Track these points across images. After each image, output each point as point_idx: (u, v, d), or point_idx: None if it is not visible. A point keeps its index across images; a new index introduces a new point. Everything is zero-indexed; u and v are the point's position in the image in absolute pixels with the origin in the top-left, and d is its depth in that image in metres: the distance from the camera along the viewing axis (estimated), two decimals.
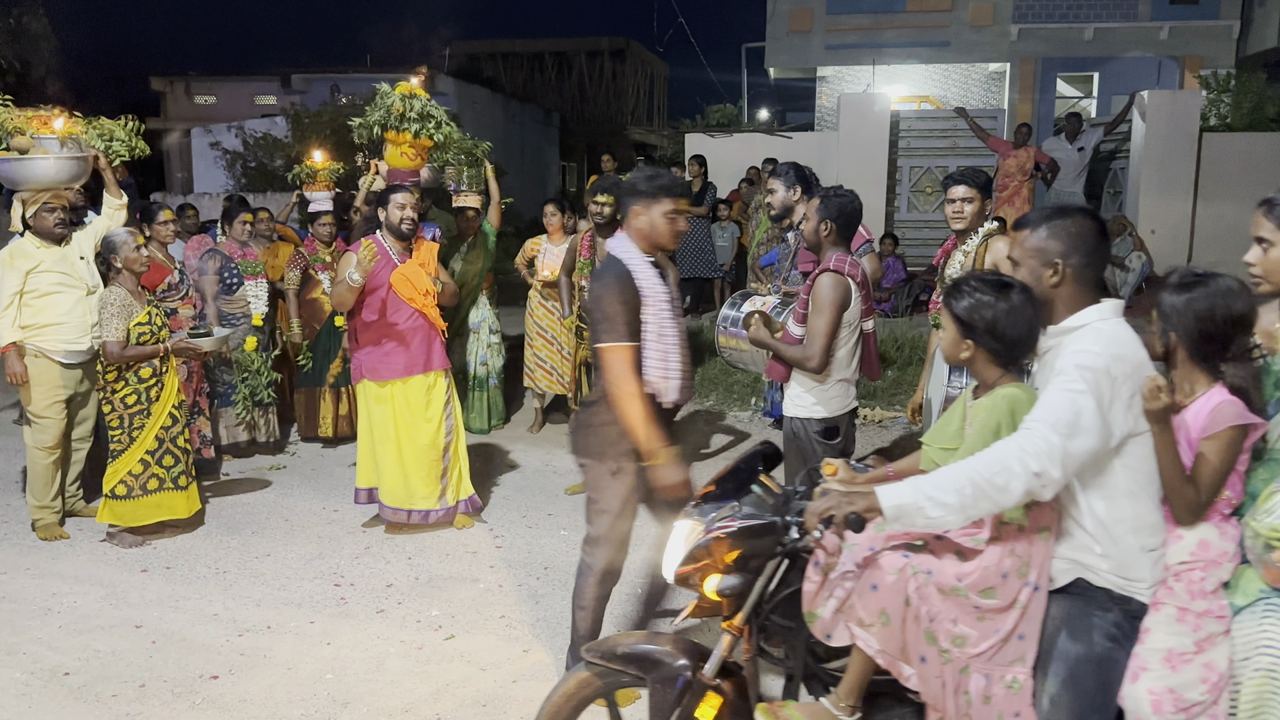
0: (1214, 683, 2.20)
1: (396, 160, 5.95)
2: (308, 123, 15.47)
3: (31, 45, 14.79)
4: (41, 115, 5.37)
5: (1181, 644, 2.22)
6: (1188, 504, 2.23)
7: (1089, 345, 2.20)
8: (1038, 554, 2.30)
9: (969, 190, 4.32)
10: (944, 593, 2.28)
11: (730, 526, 2.39)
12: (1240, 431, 2.24)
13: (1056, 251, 2.28)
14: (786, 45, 17.25)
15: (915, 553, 2.36)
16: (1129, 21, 15.77)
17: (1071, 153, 11.35)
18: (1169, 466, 2.21)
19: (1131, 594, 2.26)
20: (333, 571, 4.88)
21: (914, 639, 2.30)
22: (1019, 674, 2.29)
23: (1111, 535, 2.24)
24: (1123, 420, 2.18)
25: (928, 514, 2.11)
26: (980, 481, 2.09)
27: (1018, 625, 2.28)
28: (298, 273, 6.99)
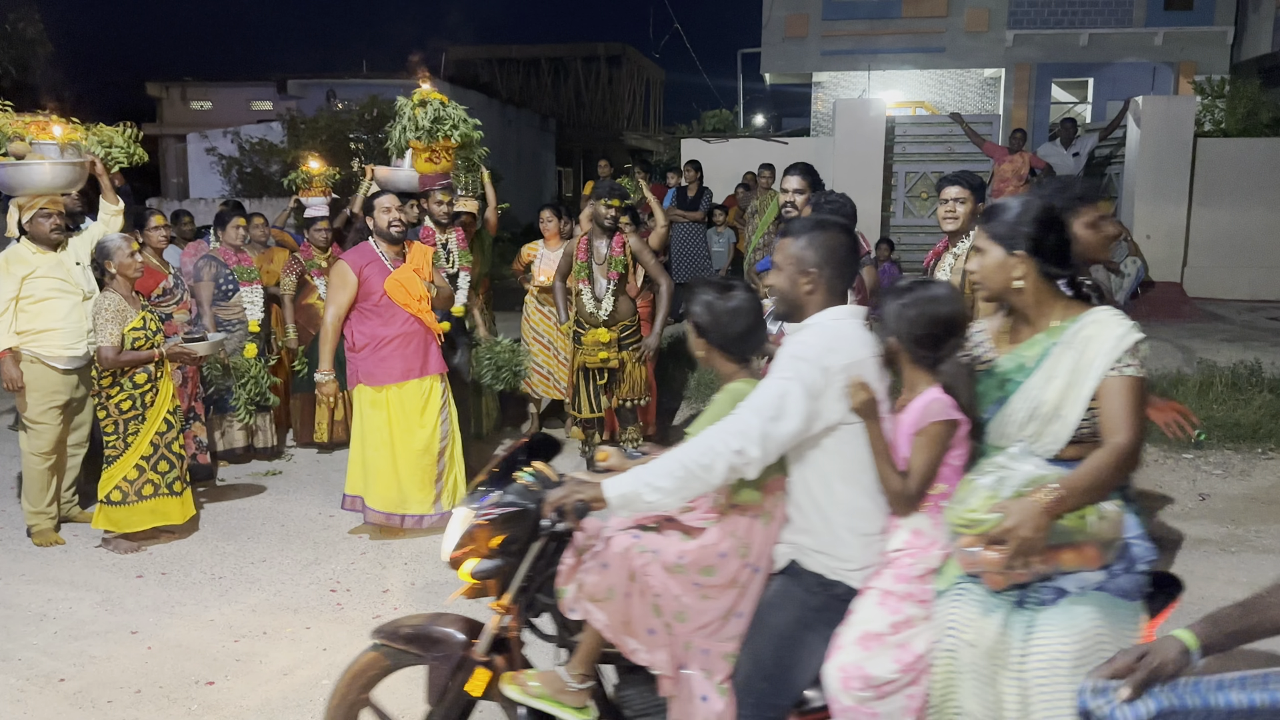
0: (908, 664, 2.28)
1: (422, 166, 5.96)
2: (304, 128, 15.47)
3: (27, 50, 14.79)
4: (40, 121, 5.37)
5: (878, 625, 2.31)
6: (898, 494, 2.35)
7: (806, 338, 2.38)
8: (758, 536, 2.44)
9: (962, 191, 4.33)
10: (668, 570, 2.41)
11: (492, 514, 2.53)
12: (946, 426, 2.35)
13: (812, 261, 2.42)
14: (782, 51, 17.29)
15: (646, 533, 2.50)
16: (1124, 27, 15.83)
17: (1067, 158, 11.38)
18: (879, 458, 2.34)
19: (841, 578, 2.38)
20: (329, 577, 4.87)
21: (640, 614, 2.43)
22: (735, 650, 2.43)
23: (826, 520, 2.38)
24: (834, 409, 2.31)
25: (646, 499, 2.26)
26: (689, 464, 2.24)
27: (736, 603, 2.43)
28: (293, 278, 6.99)
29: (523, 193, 20.51)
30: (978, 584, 2.23)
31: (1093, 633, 2.13)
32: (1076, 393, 2.27)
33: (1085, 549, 2.17)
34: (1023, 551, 2.09)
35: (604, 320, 5.70)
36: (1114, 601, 2.19)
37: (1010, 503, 2.12)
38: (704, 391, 7.97)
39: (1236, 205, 11.48)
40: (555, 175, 27.82)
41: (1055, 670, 2.09)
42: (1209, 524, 5.44)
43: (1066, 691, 2.06)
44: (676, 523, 2.52)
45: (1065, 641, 2.11)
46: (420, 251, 5.32)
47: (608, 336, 5.69)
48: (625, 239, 5.70)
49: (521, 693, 2.54)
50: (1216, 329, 9.62)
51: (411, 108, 5.77)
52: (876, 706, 2.27)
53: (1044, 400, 2.31)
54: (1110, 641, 2.12)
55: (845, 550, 2.37)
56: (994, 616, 2.18)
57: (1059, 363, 2.31)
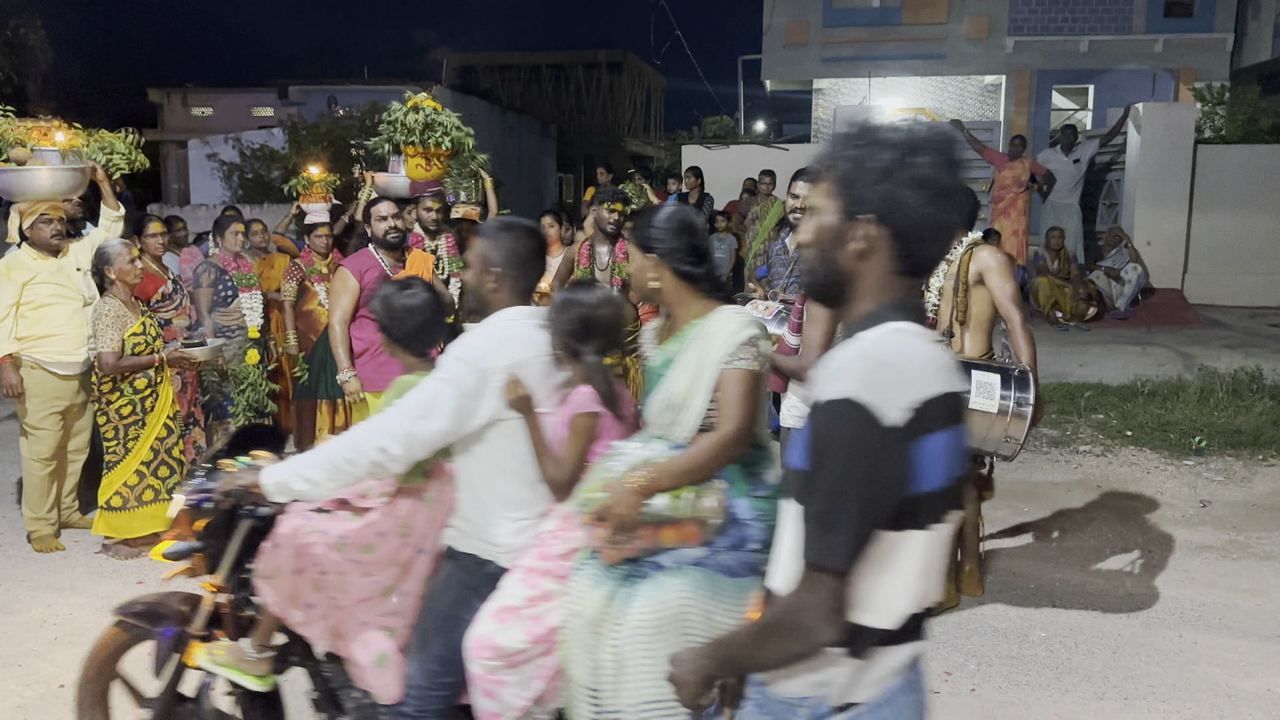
0: (540, 636, 2.41)
1: (414, 172, 5.97)
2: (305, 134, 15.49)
3: (29, 57, 14.82)
4: (42, 127, 5.38)
5: (514, 600, 2.44)
6: (553, 482, 2.50)
7: (469, 339, 2.53)
8: (420, 519, 2.61)
9: None
10: (331, 548, 2.58)
11: (194, 499, 2.70)
12: (588, 418, 2.53)
13: (495, 261, 2.58)
14: (783, 58, 17.32)
15: (319, 515, 2.68)
16: (1124, 34, 15.85)
17: (1067, 164, 11.39)
18: (537, 450, 2.50)
19: (492, 558, 2.53)
20: None
21: (303, 590, 2.60)
22: (396, 625, 2.59)
23: (482, 506, 2.53)
24: (492, 406, 2.45)
25: (295, 487, 2.45)
26: (336, 459, 2.42)
27: (398, 581, 2.59)
28: (294, 284, 6.98)
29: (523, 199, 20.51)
30: (597, 560, 2.38)
31: (676, 604, 2.25)
32: (699, 384, 2.40)
33: (686, 527, 2.32)
34: (620, 528, 2.27)
35: None
36: (713, 577, 2.31)
37: (612, 483, 2.30)
38: None
39: (1237, 212, 11.49)
40: (556, 182, 27.83)
41: (639, 637, 2.23)
42: (1210, 531, 5.43)
43: (651, 657, 2.20)
44: (349, 505, 2.71)
45: (648, 611, 2.25)
46: (419, 258, 5.32)
47: None
48: (628, 246, 5.69)
49: (209, 660, 2.75)
50: (1217, 335, 9.62)
51: (403, 113, 5.79)
52: (505, 675, 2.41)
53: (675, 391, 2.44)
54: (698, 614, 2.25)
55: (498, 534, 2.51)
56: (602, 589, 2.32)
57: (688, 356, 2.44)
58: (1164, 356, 8.50)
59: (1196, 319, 10.55)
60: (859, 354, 1.50)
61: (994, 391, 3.91)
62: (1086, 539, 5.37)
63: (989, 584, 4.75)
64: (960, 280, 4.25)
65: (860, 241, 1.55)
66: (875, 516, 1.46)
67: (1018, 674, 3.91)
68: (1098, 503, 5.87)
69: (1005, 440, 3.96)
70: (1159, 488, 6.05)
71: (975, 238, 4.34)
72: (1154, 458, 6.41)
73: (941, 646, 4.13)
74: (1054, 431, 6.84)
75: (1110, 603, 4.58)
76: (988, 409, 3.90)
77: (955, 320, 4.32)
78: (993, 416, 3.90)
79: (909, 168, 1.51)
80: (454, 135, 5.97)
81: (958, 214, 1.59)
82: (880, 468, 1.44)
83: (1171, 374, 7.75)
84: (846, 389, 1.44)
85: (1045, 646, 4.14)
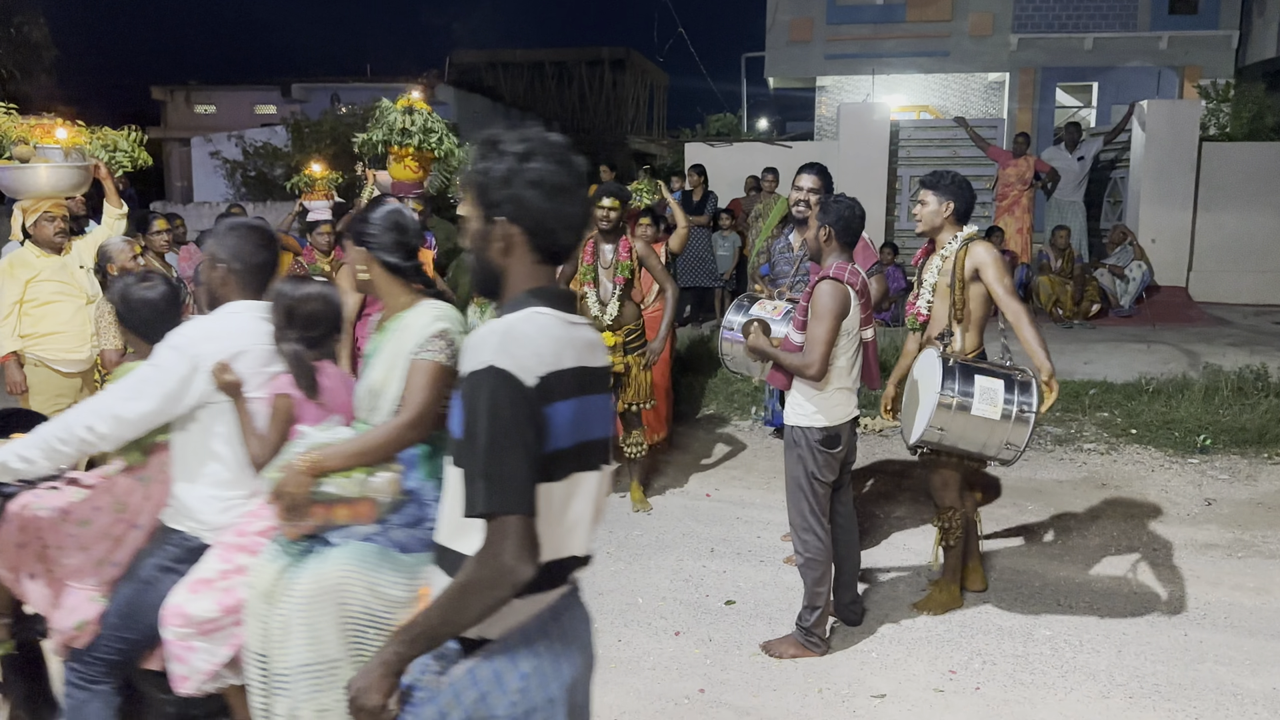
0: (229, 606, 2.55)
1: (400, 173, 5.95)
2: (308, 132, 15.49)
3: (32, 54, 14.80)
4: (45, 124, 5.37)
5: (209, 572, 2.61)
6: (254, 460, 2.65)
7: (185, 329, 2.72)
8: (136, 495, 2.80)
9: (925, 193, 4.31)
10: (54, 522, 2.77)
11: None
12: (285, 400, 2.70)
13: (222, 258, 2.78)
14: (786, 55, 17.28)
15: (49, 492, 2.86)
16: (1128, 31, 15.81)
17: (1071, 162, 11.35)
18: (243, 430, 2.67)
19: (199, 534, 2.70)
20: None
21: (25, 560, 2.80)
22: (102, 594, 2.74)
23: (193, 484, 2.71)
24: (201, 390, 2.63)
25: (14, 466, 2.62)
26: (50, 439, 2.60)
27: (109, 553, 2.76)
28: None
29: None
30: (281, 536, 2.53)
31: (335, 575, 2.40)
32: (394, 373, 2.58)
33: (359, 505, 2.48)
34: (290, 506, 2.43)
35: (608, 324, 5.68)
36: (383, 552, 2.47)
37: (285, 464, 2.46)
38: (707, 395, 7.97)
39: (1242, 209, 11.45)
40: None
41: (299, 606, 2.38)
42: (1215, 529, 5.42)
43: (309, 624, 2.37)
44: (79, 482, 2.90)
45: (308, 583, 2.40)
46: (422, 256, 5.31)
47: (612, 340, 5.67)
48: (632, 243, 5.67)
49: None
50: (1222, 333, 9.58)
51: (398, 113, 5.77)
52: (196, 642, 2.58)
53: (375, 379, 2.63)
54: (361, 585, 2.41)
55: (206, 512, 2.70)
56: (278, 563, 2.47)
57: (389, 346, 2.63)
58: (1168, 354, 8.47)
59: (1201, 317, 10.52)
60: (497, 330, 1.73)
61: (997, 398, 3.88)
62: (1091, 537, 5.36)
63: (993, 582, 4.74)
64: (956, 277, 4.20)
65: (500, 240, 1.80)
66: (531, 464, 1.67)
67: (1022, 672, 3.90)
68: (1102, 501, 5.86)
69: (1006, 446, 3.94)
70: (1163, 486, 6.04)
71: (971, 232, 4.26)
72: (1158, 456, 6.40)
73: (946, 645, 4.13)
74: (1058, 429, 6.83)
75: (1115, 601, 4.57)
76: (990, 415, 3.87)
77: (953, 319, 4.25)
78: (994, 422, 3.88)
79: (526, 172, 1.76)
80: (448, 144, 5.95)
81: (577, 206, 1.82)
82: (524, 422, 1.67)
83: (1176, 372, 7.73)
84: (488, 358, 1.67)
85: (1050, 645, 4.13)
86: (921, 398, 4.08)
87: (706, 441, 7.26)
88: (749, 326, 4.13)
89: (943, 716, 3.60)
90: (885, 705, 3.67)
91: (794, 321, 4.00)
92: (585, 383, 1.80)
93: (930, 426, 3.90)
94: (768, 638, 4.17)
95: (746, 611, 4.48)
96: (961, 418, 3.87)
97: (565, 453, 1.74)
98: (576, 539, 1.83)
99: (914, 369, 4.27)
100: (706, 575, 4.89)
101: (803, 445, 3.96)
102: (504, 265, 1.82)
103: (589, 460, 1.83)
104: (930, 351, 4.10)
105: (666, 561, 5.07)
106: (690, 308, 10.79)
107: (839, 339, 3.85)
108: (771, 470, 6.56)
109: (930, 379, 3.99)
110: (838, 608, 4.28)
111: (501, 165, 1.77)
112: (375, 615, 2.43)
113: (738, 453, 7.01)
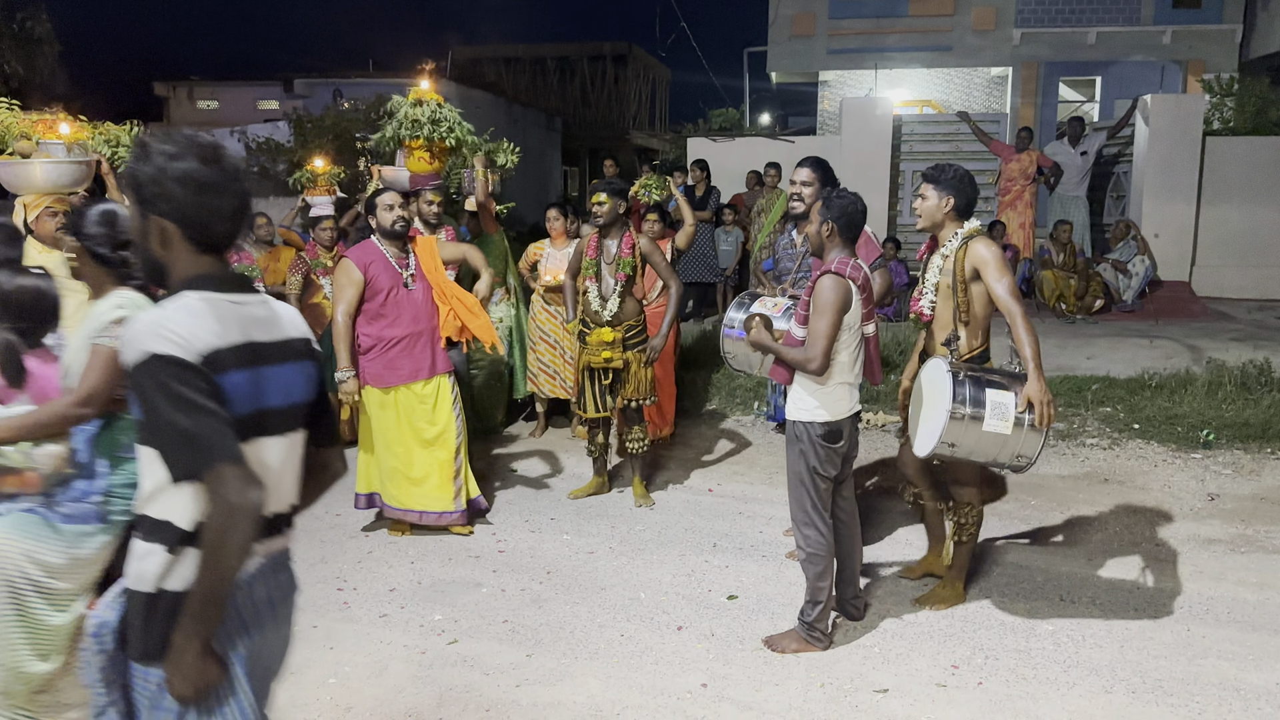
0: None
1: (415, 166, 5.94)
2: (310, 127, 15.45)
3: (35, 50, 14.81)
4: (47, 120, 5.38)
5: None
6: None
7: None
8: None
9: (926, 187, 4.28)
10: None
11: None
12: None
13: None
14: (789, 50, 17.25)
15: None
16: (1131, 25, 15.76)
17: (1075, 157, 11.34)
18: None
19: None
20: (335, 575, 4.87)
21: None
22: None
23: None
24: None
25: None
26: None
27: None
28: (299, 277, 6.99)
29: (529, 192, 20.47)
30: None
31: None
32: (79, 356, 2.76)
33: (26, 476, 2.73)
34: None
35: (608, 320, 5.68)
36: (46, 521, 2.74)
37: None
38: (709, 391, 7.97)
39: (1245, 204, 11.43)
40: (561, 174, 27.78)
41: None
42: (1218, 524, 5.41)
43: None
44: None
45: None
46: (424, 245, 5.30)
47: (611, 336, 5.67)
48: (635, 240, 5.67)
49: None
50: (1225, 328, 9.57)
51: (409, 106, 5.76)
52: None
53: (67, 360, 2.81)
54: (18, 553, 2.69)
55: None
56: None
57: (81, 331, 2.80)
58: (1171, 349, 8.46)
59: (1204, 311, 10.50)
60: (147, 319, 1.87)
61: (1008, 411, 3.84)
62: (1093, 532, 5.36)
63: (995, 577, 4.74)
64: (957, 277, 4.16)
65: (156, 234, 1.97)
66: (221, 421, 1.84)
67: (1024, 668, 3.90)
68: (1105, 496, 5.85)
69: (1017, 458, 3.91)
70: (1166, 481, 6.03)
71: (972, 228, 4.20)
72: (1161, 451, 6.39)
73: (948, 640, 4.13)
74: (1061, 425, 6.82)
75: (1117, 596, 4.57)
76: (1001, 430, 3.83)
77: (958, 322, 4.19)
78: (1006, 436, 3.85)
79: (173, 171, 1.93)
80: (458, 133, 5.94)
81: (228, 199, 2.00)
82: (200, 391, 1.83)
83: (1179, 367, 7.72)
84: (145, 346, 1.83)
85: (1052, 640, 4.13)
86: (930, 410, 4.03)
87: (709, 437, 7.26)
88: (750, 321, 4.12)
89: (945, 711, 3.60)
90: (887, 700, 3.68)
91: (795, 316, 3.99)
92: (258, 355, 1.98)
93: (941, 442, 3.86)
94: (770, 633, 4.17)
95: (749, 606, 4.48)
96: (973, 433, 3.84)
97: (243, 419, 1.92)
98: (273, 498, 2.04)
99: (922, 376, 4.22)
100: (709, 570, 4.89)
101: (804, 440, 3.96)
102: (164, 257, 1.99)
103: (270, 426, 2.02)
104: (939, 361, 4.04)
105: (669, 557, 5.07)
106: (692, 303, 10.79)
107: (841, 334, 3.84)
108: (773, 465, 6.56)
109: (940, 391, 3.92)
110: (840, 603, 4.28)
111: (150, 166, 1.94)
112: (36, 581, 2.72)
113: (740, 448, 7.01)
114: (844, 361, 3.91)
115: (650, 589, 4.68)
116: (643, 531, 5.46)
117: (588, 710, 3.62)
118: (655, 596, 4.59)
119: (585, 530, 5.49)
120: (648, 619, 4.35)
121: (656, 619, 4.36)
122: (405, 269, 5.17)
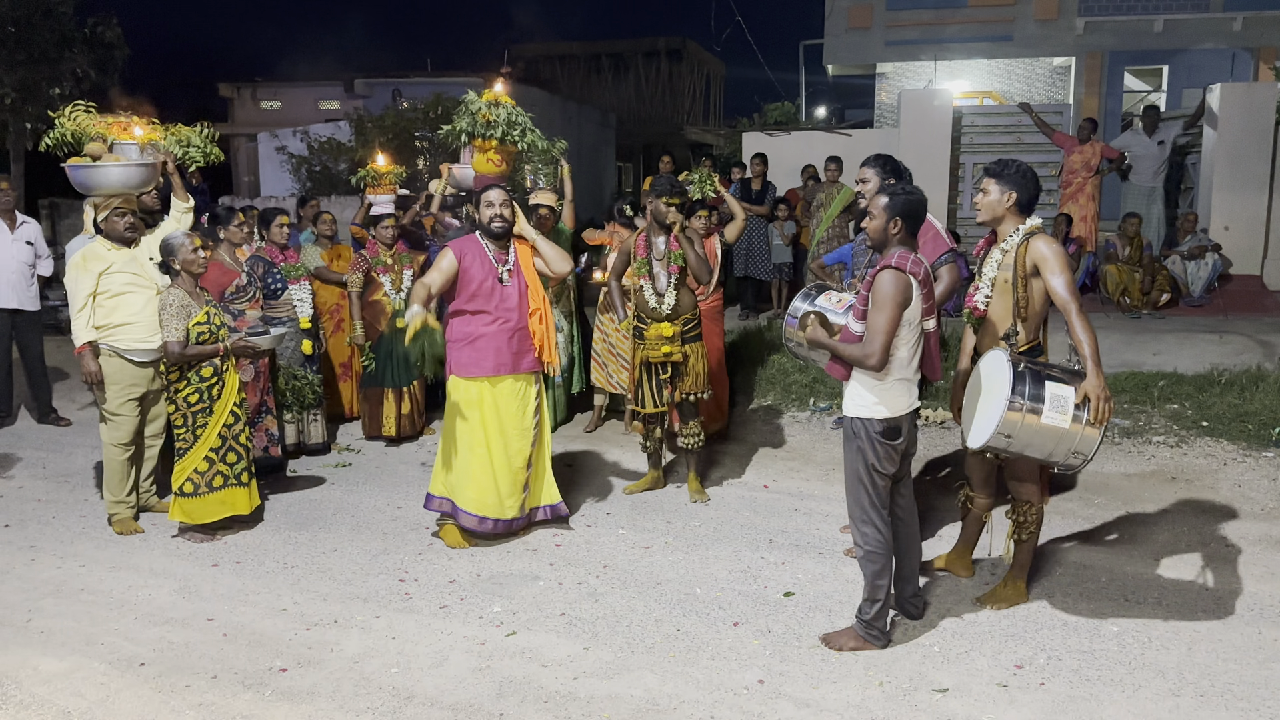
0: None
1: (483, 166, 5.99)
2: (370, 127, 15.69)
3: (106, 54, 15.23)
4: (121, 122, 5.54)
5: None
6: None
7: None
8: None
9: (988, 181, 4.21)
10: None
11: None
12: None
13: None
14: (846, 42, 17.10)
15: None
16: (1200, 12, 15.35)
17: (1151, 146, 11.07)
18: None
19: None
20: (397, 567, 4.95)
21: None
22: None
23: None
24: None
25: None
26: None
27: None
28: (360, 275, 7.11)
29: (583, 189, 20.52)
30: None
31: None
32: None
33: None
34: None
35: (666, 314, 5.69)
36: None
37: None
38: (765, 386, 7.94)
39: None
40: (615, 171, 27.83)
41: None
42: None
43: None
44: None
45: None
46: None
47: (671, 330, 5.68)
48: (677, 234, 5.68)
49: None
50: None
51: (480, 107, 5.78)
52: None
53: None
54: None
55: None
56: None
57: None
58: (1242, 345, 8.24)
59: (1277, 306, 10.20)
60: None
61: (1068, 405, 3.78)
62: (1160, 532, 5.24)
63: (1059, 576, 4.66)
64: (1017, 273, 4.09)
65: None
66: None
67: (1088, 669, 3.84)
68: (1171, 495, 5.72)
69: (1073, 454, 3.84)
70: (1236, 480, 5.88)
71: (1033, 225, 4.13)
72: (1231, 449, 6.23)
73: (1010, 640, 4.07)
74: (1126, 422, 6.68)
75: (1185, 597, 4.47)
76: (1060, 424, 3.76)
77: (1017, 318, 4.12)
78: (1064, 430, 3.78)
79: None
80: (531, 138, 5.96)
81: None
82: None
83: (1250, 363, 7.51)
84: None
85: (1117, 641, 4.05)
86: (988, 401, 3.98)
87: (764, 433, 7.24)
88: (806, 319, 4.10)
89: (1007, 712, 3.56)
90: (947, 700, 3.64)
91: (854, 311, 3.96)
92: None
93: (997, 433, 3.80)
94: (827, 630, 4.15)
95: (805, 603, 4.46)
96: (1031, 425, 3.77)
97: None
98: None
99: (980, 367, 4.16)
100: (765, 566, 4.88)
101: (862, 437, 3.93)
102: None
103: None
104: (998, 353, 3.98)
105: (724, 552, 5.07)
106: (748, 298, 10.76)
107: (900, 329, 3.81)
108: (830, 462, 6.52)
109: (999, 383, 3.87)
110: (899, 601, 4.25)
111: None
112: None
113: (795, 444, 6.98)
114: (903, 357, 3.87)
115: (706, 584, 4.68)
116: (698, 527, 5.46)
117: (645, 703, 3.64)
118: (711, 592, 4.60)
119: (641, 525, 5.50)
120: (704, 614, 4.36)
121: (712, 614, 4.36)
122: (503, 264, 5.20)
